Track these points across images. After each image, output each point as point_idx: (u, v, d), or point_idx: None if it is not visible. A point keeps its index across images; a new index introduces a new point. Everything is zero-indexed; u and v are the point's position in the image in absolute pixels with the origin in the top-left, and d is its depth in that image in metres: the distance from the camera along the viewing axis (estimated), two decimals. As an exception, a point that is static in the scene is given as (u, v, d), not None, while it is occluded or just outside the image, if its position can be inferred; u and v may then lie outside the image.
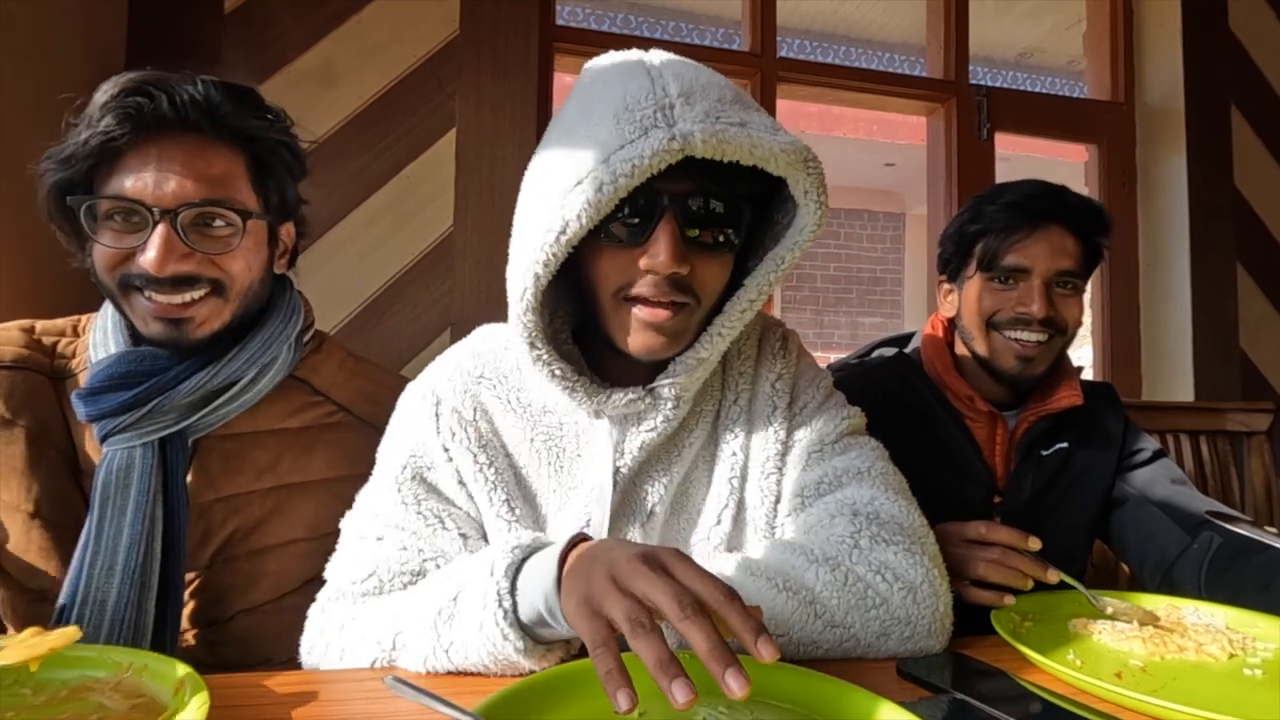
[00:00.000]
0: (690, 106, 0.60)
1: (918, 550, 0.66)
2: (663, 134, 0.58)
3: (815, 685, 0.53)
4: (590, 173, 0.59)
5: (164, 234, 0.71)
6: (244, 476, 0.80)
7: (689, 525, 0.73)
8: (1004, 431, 1.07)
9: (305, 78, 1.59)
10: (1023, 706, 0.54)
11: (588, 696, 0.51)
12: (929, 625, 0.64)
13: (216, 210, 0.74)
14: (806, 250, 0.69)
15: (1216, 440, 1.64)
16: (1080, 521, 1.08)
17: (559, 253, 0.60)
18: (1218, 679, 0.61)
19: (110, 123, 0.70)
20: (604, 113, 0.61)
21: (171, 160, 0.72)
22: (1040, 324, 1.00)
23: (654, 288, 0.64)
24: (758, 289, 0.69)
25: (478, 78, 1.66)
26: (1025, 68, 4.71)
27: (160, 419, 0.75)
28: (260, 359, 0.80)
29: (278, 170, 0.80)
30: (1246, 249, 2.08)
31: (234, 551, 0.80)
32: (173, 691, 0.51)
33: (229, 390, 0.78)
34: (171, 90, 0.72)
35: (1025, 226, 1.02)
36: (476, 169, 1.63)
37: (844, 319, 6.98)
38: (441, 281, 1.62)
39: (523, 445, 0.72)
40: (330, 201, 1.58)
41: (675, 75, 0.62)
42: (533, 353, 0.65)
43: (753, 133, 0.60)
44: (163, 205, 0.71)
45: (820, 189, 0.65)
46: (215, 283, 0.76)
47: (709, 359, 0.70)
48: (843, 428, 0.76)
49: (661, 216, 0.62)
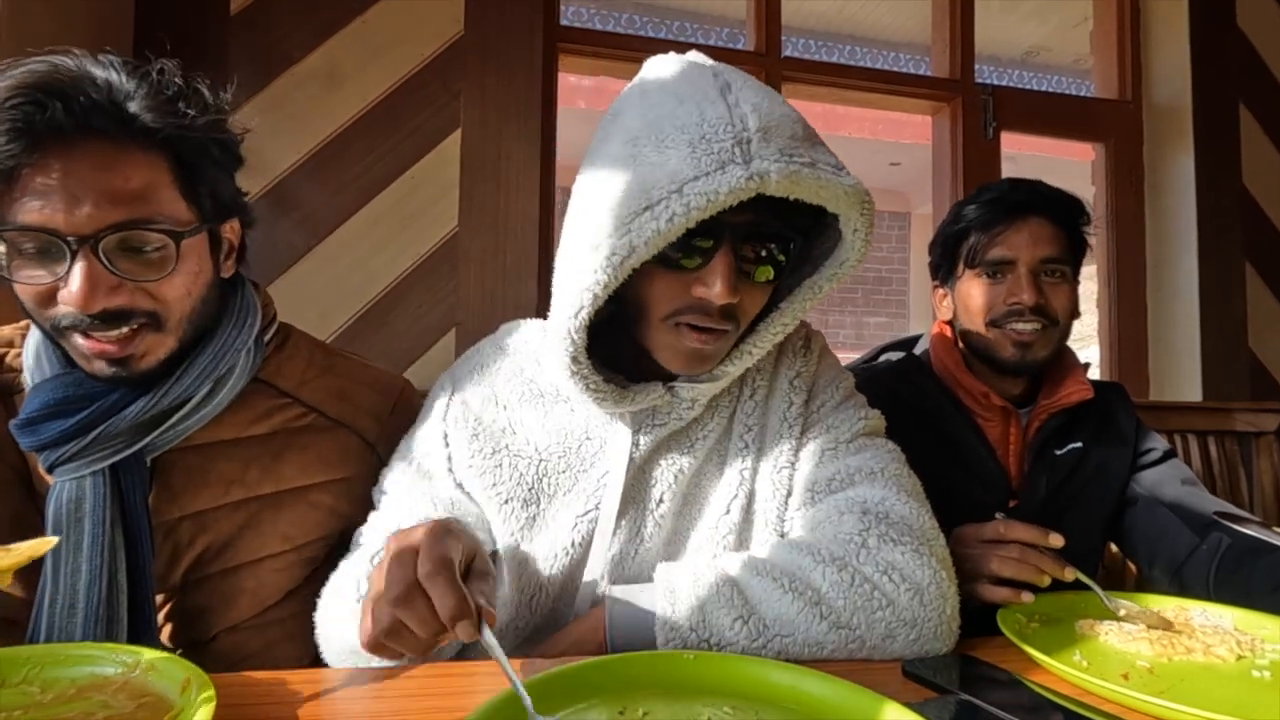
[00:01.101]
0: (767, 143, 0.60)
1: (926, 551, 0.66)
2: (740, 171, 0.58)
3: (819, 686, 0.52)
4: (662, 201, 0.59)
5: (85, 267, 0.62)
6: (210, 491, 0.74)
7: (697, 516, 0.73)
8: (1017, 430, 1.08)
9: (310, 79, 1.59)
10: (1029, 708, 0.53)
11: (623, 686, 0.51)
12: (935, 627, 0.63)
13: (143, 233, 0.64)
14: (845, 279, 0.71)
15: (1225, 440, 1.63)
16: (1094, 521, 1.08)
17: (620, 276, 0.61)
18: (1225, 680, 0.60)
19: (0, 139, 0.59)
20: (678, 137, 0.60)
21: (80, 177, 0.61)
22: (1033, 312, 1.02)
23: (703, 315, 0.65)
24: (793, 315, 0.71)
25: (482, 78, 1.66)
26: (1031, 66, 4.69)
27: (107, 445, 0.68)
28: (213, 372, 0.72)
29: (208, 170, 0.69)
30: (1255, 248, 2.06)
31: (207, 570, 0.74)
32: (179, 690, 0.51)
33: (181, 409, 0.71)
34: (67, 94, 0.60)
35: (1005, 219, 1.05)
36: (481, 169, 1.64)
37: (849, 319, 6.97)
38: (446, 282, 1.63)
39: (534, 430, 0.74)
40: (335, 202, 1.58)
41: (753, 106, 0.61)
42: (574, 367, 0.66)
43: (822, 173, 0.61)
44: (79, 233, 0.61)
45: (869, 227, 0.66)
46: (150, 315, 0.67)
47: (733, 373, 0.72)
48: (859, 428, 0.76)
49: (721, 247, 0.63)
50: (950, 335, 1.14)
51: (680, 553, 0.72)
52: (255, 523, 0.75)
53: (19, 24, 1.17)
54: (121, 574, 0.68)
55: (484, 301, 1.62)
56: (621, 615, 0.63)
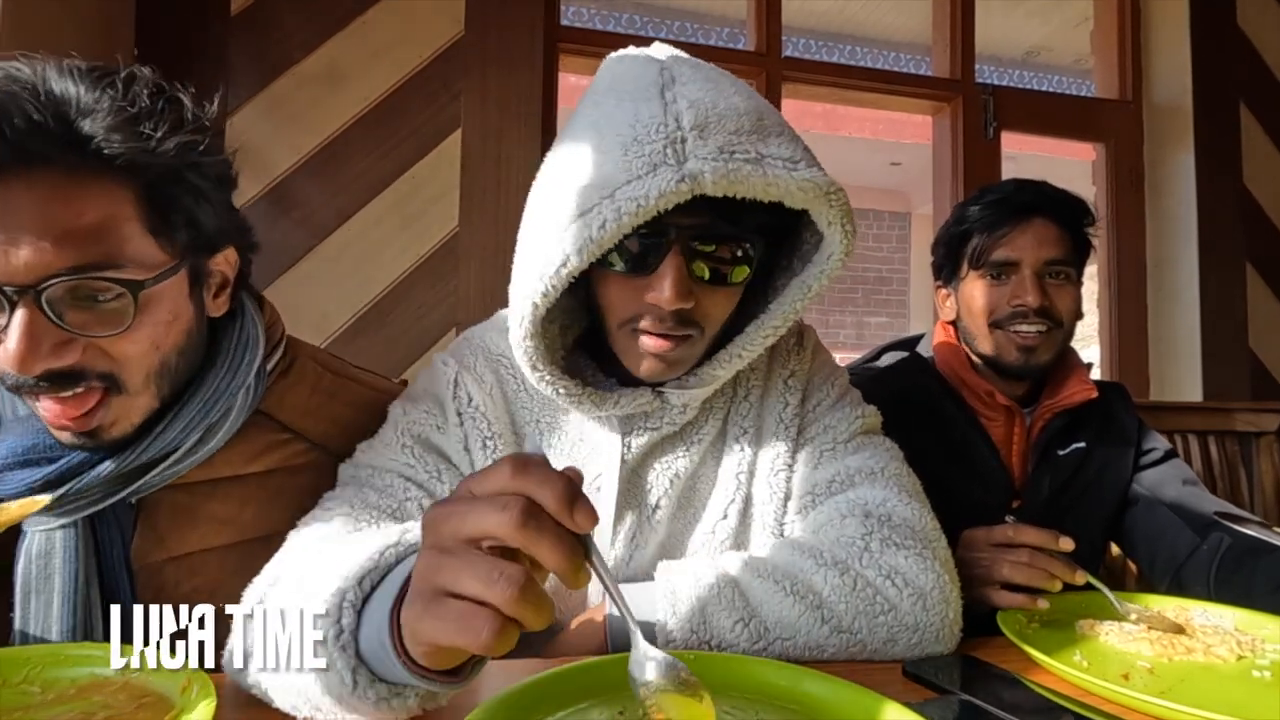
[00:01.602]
0: (703, 141, 0.57)
1: (929, 555, 0.65)
2: (671, 173, 0.56)
3: (820, 686, 0.52)
4: (594, 207, 0.57)
5: (25, 321, 0.53)
6: (198, 533, 0.67)
7: (694, 519, 0.73)
8: (1021, 430, 1.08)
9: (311, 79, 1.60)
10: (1029, 708, 0.53)
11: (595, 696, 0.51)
12: (938, 631, 0.63)
13: (94, 283, 0.54)
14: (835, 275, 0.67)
15: (1225, 441, 1.63)
16: (1097, 522, 1.08)
17: (558, 285, 0.59)
18: (1226, 681, 0.60)
19: None
20: (613, 139, 0.59)
21: (18, 215, 0.52)
22: (1037, 314, 1.02)
23: (659, 321, 0.63)
24: (783, 317, 0.69)
25: (483, 78, 1.66)
26: (1032, 66, 4.69)
27: (82, 498, 0.61)
28: (204, 421, 0.64)
29: (182, 199, 0.59)
30: (1255, 248, 2.06)
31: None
32: (180, 691, 0.51)
33: (167, 459, 0.63)
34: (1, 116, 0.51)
35: (1009, 220, 1.05)
36: (482, 169, 1.64)
37: (850, 319, 6.97)
38: (446, 282, 1.63)
39: (530, 427, 0.73)
40: (336, 202, 1.59)
41: (691, 103, 0.59)
42: (535, 374, 0.65)
43: (768, 169, 0.58)
44: (17, 282, 0.52)
45: (845, 218, 0.63)
46: (106, 377, 0.58)
47: (723, 376, 0.70)
48: (856, 426, 0.75)
49: (668, 251, 0.61)
50: (954, 335, 1.14)
51: (677, 556, 0.72)
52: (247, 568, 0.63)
53: (18, 24, 1.17)
54: (98, 631, 0.61)
55: (485, 301, 1.62)
56: (621, 619, 0.63)
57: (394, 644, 0.41)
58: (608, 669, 0.53)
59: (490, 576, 0.36)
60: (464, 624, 0.36)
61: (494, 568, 0.36)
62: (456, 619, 0.36)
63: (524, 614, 0.36)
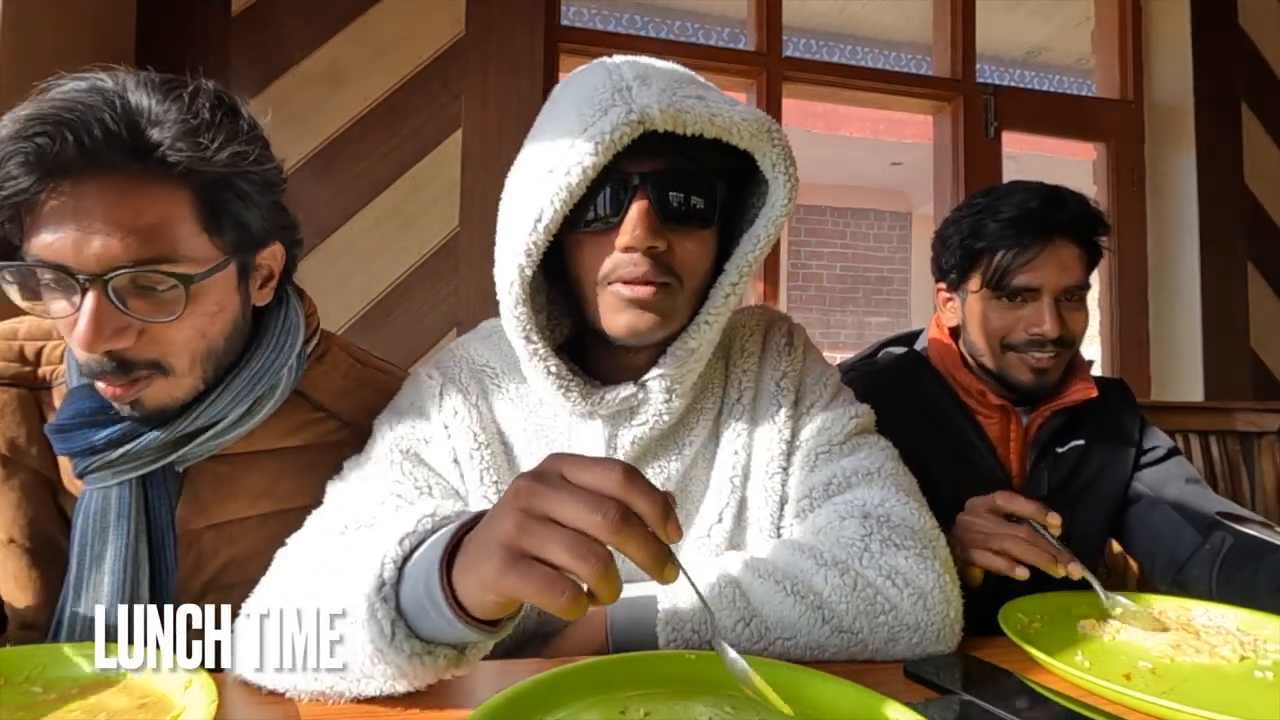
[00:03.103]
0: (647, 86, 0.62)
1: (929, 555, 0.65)
2: (620, 110, 0.60)
3: (821, 686, 0.52)
4: (560, 158, 0.61)
5: (93, 305, 0.59)
6: (238, 502, 0.73)
7: (687, 523, 0.73)
8: (1018, 427, 1.07)
9: (312, 79, 1.60)
10: (1031, 708, 0.53)
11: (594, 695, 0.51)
12: (938, 631, 0.63)
13: (153, 275, 0.61)
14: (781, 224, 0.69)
15: (1226, 440, 1.63)
16: (1097, 520, 1.07)
17: (539, 241, 0.62)
18: (1228, 681, 0.60)
19: (11, 170, 0.57)
20: (568, 109, 0.64)
21: (90, 213, 0.59)
22: (1053, 342, 1.01)
23: (634, 267, 0.65)
24: (738, 271, 0.69)
25: (483, 78, 1.66)
26: (1033, 66, 4.68)
27: (137, 460, 0.67)
28: (250, 394, 0.71)
29: (232, 203, 0.66)
30: (1257, 248, 2.06)
31: (229, 580, 0.73)
32: (182, 690, 0.51)
33: (214, 426, 0.70)
34: (78, 127, 0.57)
35: (1034, 245, 1.01)
36: (482, 169, 1.64)
37: (850, 318, 6.96)
38: (447, 282, 1.63)
39: (517, 435, 0.73)
40: (337, 202, 1.59)
41: (630, 65, 0.65)
42: (528, 347, 0.66)
43: (711, 105, 0.62)
44: (87, 270, 0.59)
45: (787, 161, 0.66)
46: (154, 365, 0.65)
47: (699, 349, 0.70)
48: (851, 427, 0.75)
49: (633, 195, 0.64)
50: (947, 334, 1.13)
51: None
52: (282, 537, 0.70)
53: (16, 24, 1.17)
54: (144, 586, 0.67)
55: (485, 302, 1.62)
56: (623, 616, 0.63)
57: (445, 596, 0.45)
58: (609, 669, 0.54)
59: (580, 551, 0.40)
60: (549, 585, 0.40)
61: (583, 544, 0.40)
62: (542, 579, 0.41)
63: (602, 589, 0.40)
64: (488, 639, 0.49)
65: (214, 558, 0.73)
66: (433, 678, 0.50)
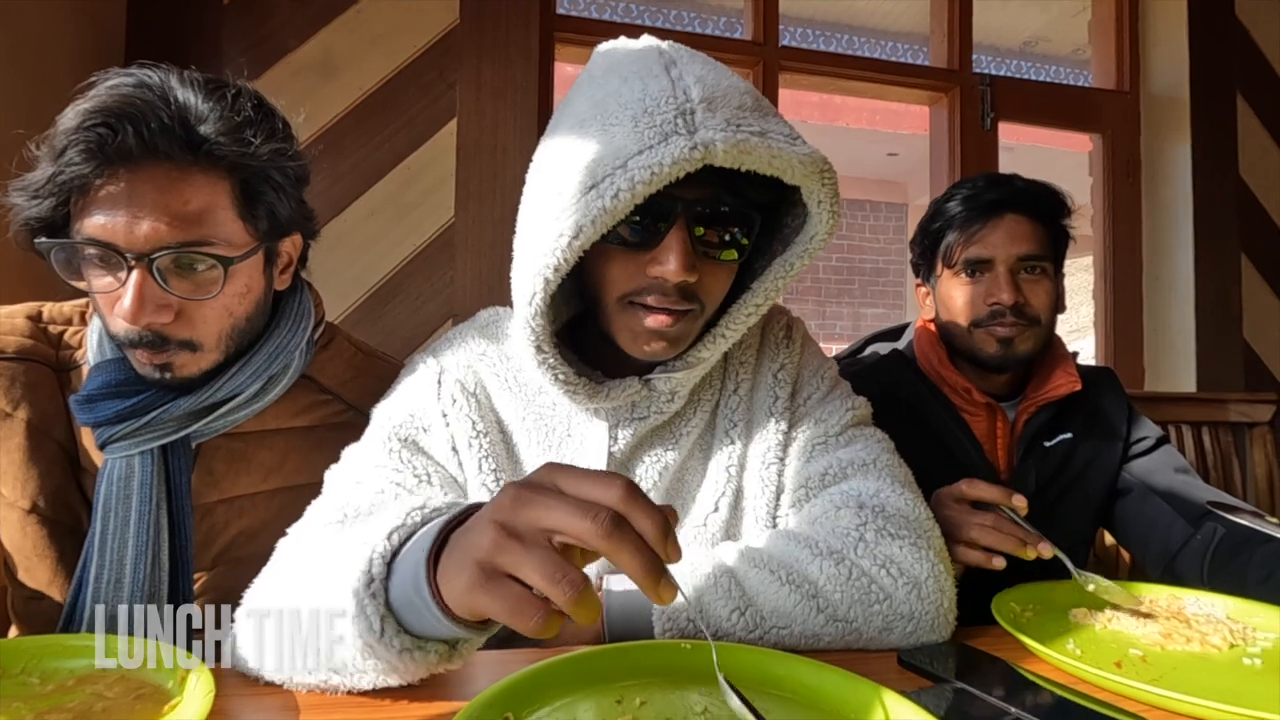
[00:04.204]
0: (712, 113, 0.58)
1: (923, 545, 0.66)
2: (684, 141, 0.57)
3: (816, 675, 0.53)
4: (606, 177, 0.57)
5: (139, 282, 0.65)
6: (249, 478, 0.78)
7: (684, 512, 0.73)
8: (1004, 425, 1.07)
9: (305, 68, 1.58)
10: (1023, 696, 0.54)
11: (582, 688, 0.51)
12: (933, 620, 0.63)
13: (195, 255, 0.67)
14: (817, 255, 0.69)
15: (1219, 431, 1.64)
16: (1086, 512, 1.07)
17: (570, 258, 0.59)
18: (1217, 668, 0.61)
19: (73, 157, 0.63)
20: (621, 114, 0.59)
21: (142, 199, 0.64)
22: (1012, 312, 1.01)
23: (660, 295, 0.64)
24: (765, 295, 0.70)
25: (478, 67, 1.65)
26: (1029, 56, 4.67)
27: (159, 428, 0.72)
28: (267, 371, 0.76)
29: (268, 194, 0.71)
30: (1251, 239, 2.06)
31: (238, 553, 0.77)
32: (179, 682, 0.51)
33: (231, 401, 0.75)
34: (138, 120, 0.63)
35: (980, 218, 1.04)
36: (477, 159, 1.63)
37: (846, 310, 6.97)
38: (443, 273, 1.62)
39: (515, 423, 0.73)
40: (331, 193, 1.57)
41: (697, 78, 0.60)
42: (538, 356, 0.65)
43: (773, 143, 0.59)
44: (136, 250, 0.65)
45: (834, 199, 0.65)
46: (186, 344, 0.70)
47: (710, 359, 0.70)
48: (847, 419, 0.75)
49: (673, 224, 0.62)
50: (933, 330, 1.13)
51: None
52: (288, 512, 0.74)
53: (5, 11, 1.15)
54: (164, 552, 0.71)
55: (481, 292, 1.61)
56: (619, 606, 0.63)
57: (431, 593, 0.44)
58: (605, 658, 0.54)
59: (555, 575, 0.38)
60: (518, 608, 0.39)
61: (560, 568, 0.39)
62: (513, 601, 0.40)
63: (577, 614, 0.38)
64: (478, 635, 0.48)
65: (225, 530, 0.77)
66: (425, 672, 0.50)
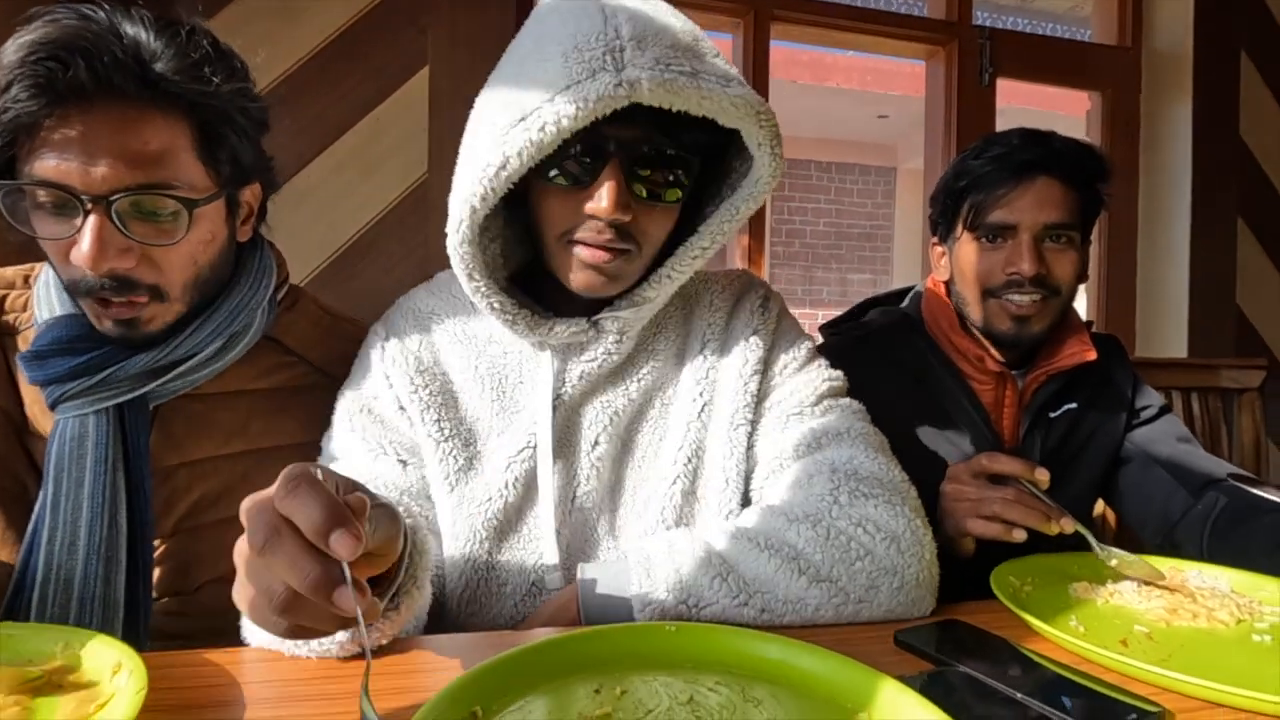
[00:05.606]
0: (641, 51, 0.59)
1: (898, 502, 0.66)
2: (610, 78, 0.57)
3: (809, 659, 0.49)
4: (534, 110, 0.58)
5: (97, 226, 0.62)
6: (210, 441, 0.75)
7: (644, 463, 0.73)
8: (1013, 393, 1.03)
9: (263, 11, 1.47)
10: (1025, 677, 0.51)
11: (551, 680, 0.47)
12: (917, 573, 0.63)
13: (156, 198, 0.64)
14: (762, 200, 0.69)
15: (1208, 397, 1.63)
16: (1089, 482, 1.05)
17: (497, 188, 0.60)
18: (1226, 646, 0.59)
19: (19, 94, 0.58)
20: (554, 50, 0.60)
21: (98, 137, 0.61)
22: (1032, 283, 0.95)
23: (595, 233, 0.65)
24: (711, 238, 0.70)
25: (451, 12, 1.54)
26: (1027, 13, 4.57)
27: (114, 387, 0.68)
28: (227, 329, 0.73)
29: (229, 137, 0.69)
30: (1248, 203, 2.03)
31: (200, 520, 0.75)
32: (110, 674, 0.47)
33: (190, 359, 0.72)
34: (90, 53, 0.59)
35: (1011, 179, 0.96)
36: (451, 111, 1.53)
37: (833, 275, 6.93)
38: (415, 233, 1.54)
39: (466, 374, 0.74)
40: (293, 146, 1.48)
41: (629, 16, 0.61)
42: (470, 284, 0.66)
43: (703, 83, 0.60)
44: (93, 192, 0.62)
45: (774, 140, 0.65)
46: (152, 289, 0.67)
47: (655, 299, 0.71)
48: (823, 389, 0.76)
49: (607, 163, 0.63)
50: (945, 295, 1.08)
51: (628, 502, 0.72)
52: (252, 475, 0.75)
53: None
54: (122, 515, 0.68)
55: (457, 254, 1.54)
56: (595, 589, 0.61)
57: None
58: (582, 643, 0.50)
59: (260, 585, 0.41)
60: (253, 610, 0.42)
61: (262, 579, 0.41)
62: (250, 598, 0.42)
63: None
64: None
65: (186, 494, 0.74)
66: (340, 651, 0.53)
